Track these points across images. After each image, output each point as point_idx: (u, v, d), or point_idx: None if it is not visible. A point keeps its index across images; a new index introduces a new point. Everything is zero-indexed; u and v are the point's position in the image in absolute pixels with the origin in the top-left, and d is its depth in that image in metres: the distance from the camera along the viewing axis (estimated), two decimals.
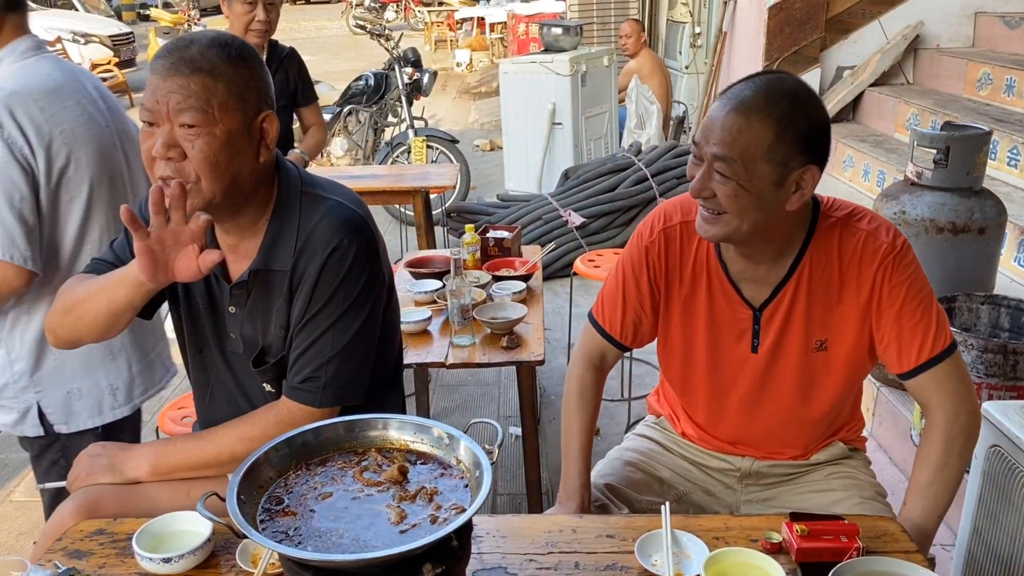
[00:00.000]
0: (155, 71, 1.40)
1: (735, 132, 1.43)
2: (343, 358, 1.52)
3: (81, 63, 11.44)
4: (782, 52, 5.50)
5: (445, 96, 11.60)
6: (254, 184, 1.49)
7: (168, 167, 1.39)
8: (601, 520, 1.47)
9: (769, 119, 1.42)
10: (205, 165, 1.39)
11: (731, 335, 1.67)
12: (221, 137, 1.39)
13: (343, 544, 1.04)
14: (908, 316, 1.55)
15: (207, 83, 1.38)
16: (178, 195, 1.37)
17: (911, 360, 1.56)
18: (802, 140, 1.44)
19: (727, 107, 1.45)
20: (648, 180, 5.13)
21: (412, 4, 19.56)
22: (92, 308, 1.51)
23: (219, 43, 1.41)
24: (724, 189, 1.46)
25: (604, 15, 9.15)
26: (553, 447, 3.24)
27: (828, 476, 1.76)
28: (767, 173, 1.44)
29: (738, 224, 1.48)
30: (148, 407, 3.63)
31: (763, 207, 1.47)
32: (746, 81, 1.49)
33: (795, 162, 1.45)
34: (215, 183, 1.41)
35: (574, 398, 1.76)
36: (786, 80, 1.50)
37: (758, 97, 1.44)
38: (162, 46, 1.44)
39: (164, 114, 1.38)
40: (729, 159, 1.44)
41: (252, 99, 1.44)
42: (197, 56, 1.38)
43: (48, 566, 1.33)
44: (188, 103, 1.37)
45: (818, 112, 1.49)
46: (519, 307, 2.68)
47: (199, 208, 1.43)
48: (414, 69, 6.50)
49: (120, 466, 1.58)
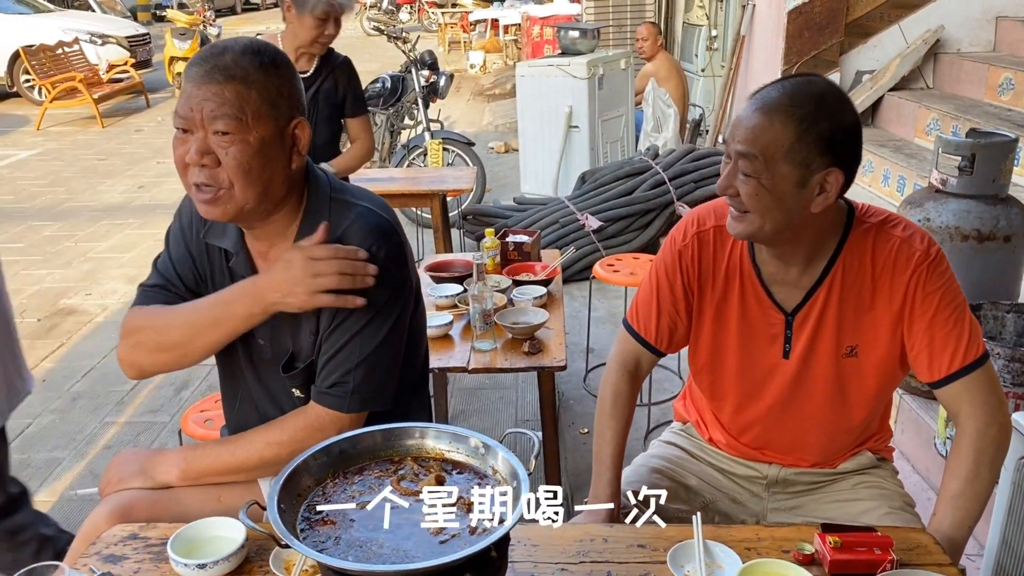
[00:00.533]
0: (190, 79, 1.41)
1: (758, 131, 1.46)
2: (371, 363, 1.53)
3: (98, 64, 11.53)
4: (801, 56, 5.48)
5: (459, 98, 11.61)
6: (286, 190, 1.50)
7: (202, 174, 1.42)
8: (632, 530, 1.46)
9: (791, 120, 1.44)
10: (239, 172, 1.41)
11: (763, 340, 1.67)
12: (254, 144, 1.41)
13: (384, 554, 1.04)
14: (940, 325, 1.54)
15: (241, 91, 1.39)
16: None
17: (942, 369, 1.55)
18: (824, 142, 1.45)
19: (754, 107, 1.48)
20: (666, 184, 5.12)
21: (426, 6, 19.59)
22: (202, 345, 1.54)
23: (252, 50, 1.43)
24: (746, 187, 1.48)
25: (620, 18, 9.14)
26: (572, 452, 3.24)
27: (856, 486, 1.76)
28: (788, 173, 1.45)
29: (760, 223, 1.50)
30: (168, 408, 3.68)
31: (784, 207, 1.48)
32: (776, 83, 1.52)
33: (817, 164, 1.45)
34: (248, 189, 1.43)
35: (608, 405, 1.76)
36: (815, 83, 1.51)
37: (783, 98, 1.46)
38: (196, 53, 1.46)
39: (198, 121, 1.40)
40: (751, 156, 1.46)
41: (284, 106, 1.45)
42: (231, 64, 1.40)
43: (84, 570, 1.34)
44: (222, 111, 1.38)
45: (845, 115, 1.49)
46: (540, 312, 2.68)
47: (232, 214, 1.45)
48: (431, 72, 6.51)
49: (151, 470, 1.59)
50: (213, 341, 1.54)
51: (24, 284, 5.25)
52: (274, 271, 1.47)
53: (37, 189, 7.61)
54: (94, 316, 4.76)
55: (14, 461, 3.27)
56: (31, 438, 3.50)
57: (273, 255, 1.56)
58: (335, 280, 1.44)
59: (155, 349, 1.57)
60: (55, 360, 4.21)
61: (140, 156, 8.89)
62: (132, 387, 3.90)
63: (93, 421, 3.61)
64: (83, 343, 4.41)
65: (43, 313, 4.81)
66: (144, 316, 1.59)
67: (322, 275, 1.44)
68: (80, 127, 10.51)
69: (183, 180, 1.47)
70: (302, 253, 1.45)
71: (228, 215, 1.46)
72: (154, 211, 6.78)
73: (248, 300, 1.49)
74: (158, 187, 7.60)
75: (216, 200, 1.44)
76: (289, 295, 1.46)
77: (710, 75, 7.69)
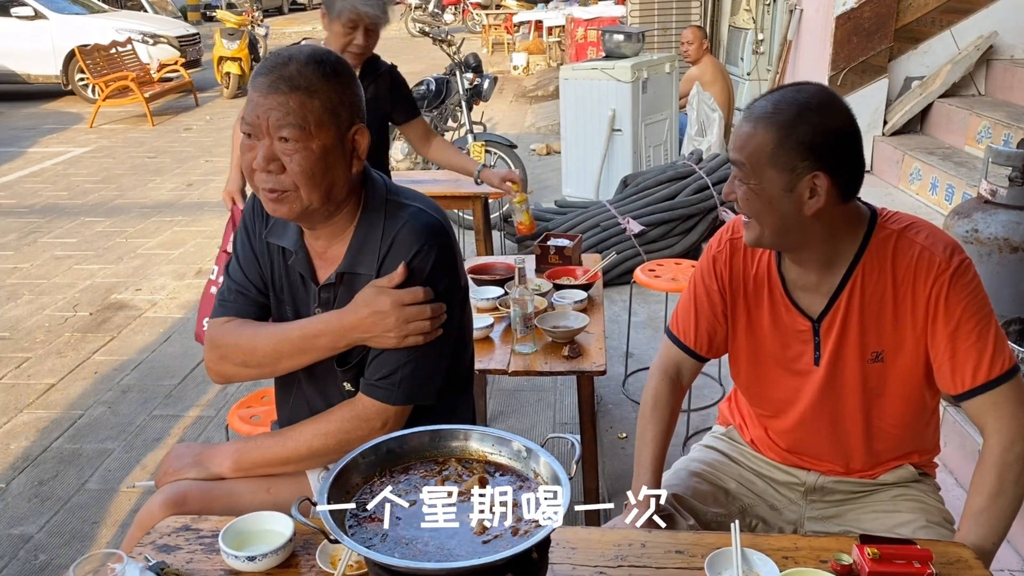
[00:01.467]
0: (256, 88, 1.48)
1: (745, 138, 1.53)
2: (420, 359, 1.58)
3: (150, 63, 11.79)
4: (849, 62, 5.43)
5: (502, 99, 11.66)
6: (347, 193, 1.57)
7: (269, 179, 1.49)
8: (670, 535, 1.49)
9: (772, 126, 1.50)
10: (303, 177, 1.48)
11: (794, 346, 1.68)
12: (317, 151, 1.48)
13: (429, 552, 1.07)
14: (963, 337, 1.54)
15: (304, 101, 1.46)
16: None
17: (965, 382, 1.55)
18: (805, 146, 1.48)
19: (745, 116, 1.56)
20: (709, 188, 5.10)
21: (470, 7, 19.70)
22: (285, 367, 1.64)
23: (315, 60, 1.49)
24: (740, 192, 1.55)
25: (665, 21, 9.11)
26: (610, 456, 3.25)
27: (895, 498, 1.76)
28: (774, 178, 1.50)
29: (760, 228, 1.56)
30: (215, 403, 3.76)
31: (776, 211, 1.52)
32: (768, 93, 1.58)
33: (801, 168, 1.49)
34: (312, 193, 1.50)
35: (648, 409, 1.78)
36: (803, 90, 1.54)
37: (767, 106, 1.53)
38: (262, 62, 1.52)
39: (264, 129, 1.47)
40: (740, 163, 1.54)
41: (345, 114, 1.52)
42: (295, 74, 1.46)
43: (139, 559, 1.39)
44: (287, 120, 1.45)
45: (827, 120, 1.51)
46: (581, 316, 2.70)
47: (297, 213, 1.53)
48: (475, 74, 6.55)
49: (205, 462, 1.66)
50: (296, 365, 1.64)
51: (77, 278, 5.40)
52: (361, 312, 1.54)
53: (90, 185, 7.82)
54: (143, 311, 4.88)
55: (67, 450, 3.39)
56: (83, 428, 3.60)
57: (330, 255, 1.63)
58: (426, 326, 1.54)
59: (241, 365, 1.66)
60: (106, 353, 4.33)
61: (189, 154, 9.08)
62: (179, 381, 4.01)
63: (142, 414, 3.71)
64: (133, 337, 4.53)
65: (94, 307, 4.95)
66: (230, 334, 1.66)
67: (413, 321, 1.52)
68: (131, 125, 10.75)
69: (250, 183, 1.55)
70: (391, 300, 1.51)
71: (294, 214, 1.54)
72: (202, 209, 6.92)
73: (334, 335, 1.57)
74: (206, 185, 7.76)
75: (282, 200, 1.51)
76: (380, 339, 1.55)
77: (755, 79, 7.63)
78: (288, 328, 1.62)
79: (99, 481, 3.20)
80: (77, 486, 3.18)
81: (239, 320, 1.68)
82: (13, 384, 4.02)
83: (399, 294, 1.52)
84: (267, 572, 1.37)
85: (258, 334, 1.64)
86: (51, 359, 4.27)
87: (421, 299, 1.53)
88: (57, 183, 7.92)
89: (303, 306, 1.67)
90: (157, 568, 1.35)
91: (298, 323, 1.62)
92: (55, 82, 12.16)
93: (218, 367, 1.69)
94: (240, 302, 1.70)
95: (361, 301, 1.55)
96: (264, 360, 1.63)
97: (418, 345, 1.56)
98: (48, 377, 4.08)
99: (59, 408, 3.78)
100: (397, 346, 1.54)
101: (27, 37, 11.89)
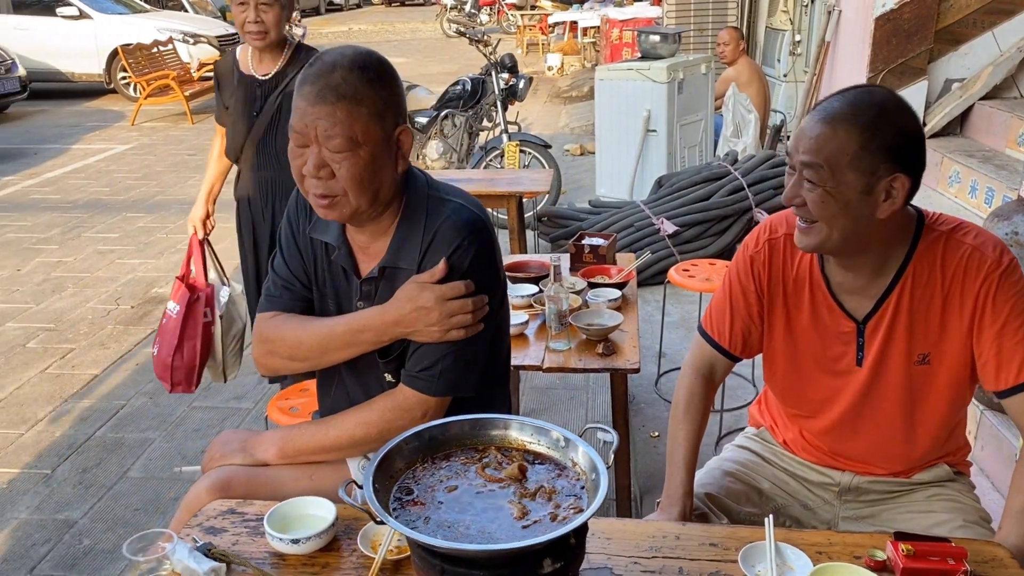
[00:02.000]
0: (303, 96, 1.51)
1: (822, 140, 1.49)
2: (459, 351, 1.61)
3: (190, 62, 11.97)
4: (888, 64, 5.38)
5: (536, 100, 11.68)
6: (393, 192, 1.61)
7: (319, 185, 1.53)
8: (704, 528, 1.51)
9: (854, 128, 1.47)
10: (352, 183, 1.52)
11: (835, 347, 1.69)
12: (365, 157, 1.52)
13: (470, 535, 1.11)
14: (1010, 334, 1.54)
15: (351, 109, 1.49)
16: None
17: (1009, 379, 1.55)
18: (889, 149, 1.47)
19: (817, 118, 1.52)
20: (744, 190, 5.09)
21: (505, 8, 19.75)
22: (330, 360, 1.69)
23: (359, 65, 1.52)
24: (812, 196, 1.51)
25: (701, 22, 9.07)
26: (642, 454, 3.27)
27: (930, 497, 1.76)
28: (854, 180, 1.48)
29: (828, 232, 1.52)
30: (252, 395, 3.83)
31: (851, 214, 1.50)
32: (837, 94, 1.55)
33: (882, 170, 1.48)
34: (361, 197, 1.54)
35: (681, 408, 1.80)
36: (875, 92, 1.54)
37: (844, 108, 1.50)
38: (307, 70, 1.54)
39: (313, 137, 1.51)
40: (816, 165, 1.49)
41: (391, 116, 1.55)
42: (341, 82, 1.49)
43: (187, 540, 1.44)
44: (335, 131, 1.49)
45: (907, 122, 1.51)
46: (615, 314, 2.72)
47: (348, 216, 1.58)
48: (510, 75, 6.59)
49: (251, 449, 1.71)
50: (341, 358, 1.68)
51: (119, 272, 5.52)
52: (405, 307, 1.57)
53: (132, 182, 7.97)
54: None
55: (109, 439, 3.48)
56: (125, 418, 3.69)
57: (373, 249, 1.66)
58: (469, 319, 1.57)
59: (288, 359, 1.71)
60: (147, 345, 4.42)
61: None
62: None
63: (181, 405, 3.79)
64: None
65: (136, 300, 5.06)
66: (277, 329, 1.71)
67: (456, 315, 1.56)
68: (171, 123, 10.94)
69: (300, 188, 1.60)
70: (435, 295, 1.55)
71: (344, 217, 1.59)
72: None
73: (378, 330, 1.61)
74: None
75: (333, 205, 1.55)
76: (423, 333, 1.58)
77: (792, 80, 7.58)
78: (333, 323, 1.66)
79: (140, 469, 3.28)
80: (119, 474, 3.26)
81: (285, 315, 1.72)
82: (58, 374, 4.12)
83: (442, 289, 1.55)
84: (310, 555, 1.42)
85: (304, 329, 1.68)
86: (94, 350, 4.38)
87: (463, 293, 1.56)
88: (100, 179, 8.09)
89: (345, 300, 1.71)
90: (204, 548, 1.39)
91: (343, 318, 1.66)
92: (98, 80, 12.40)
93: (266, 361, 1.73)
94: (286, 297, 1.74)
95: (404, 296, 1.58)
96: (310, 354, 1.68)
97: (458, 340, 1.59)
98: (92, 368, 4.18)
99: (102, 398, 3.88)
100: (440, 340, 1.58)
101: (72, 36, 12.15)
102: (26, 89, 11.00)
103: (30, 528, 2.93)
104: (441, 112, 6.73)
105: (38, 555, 2.79)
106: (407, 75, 10.29)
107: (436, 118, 6.73)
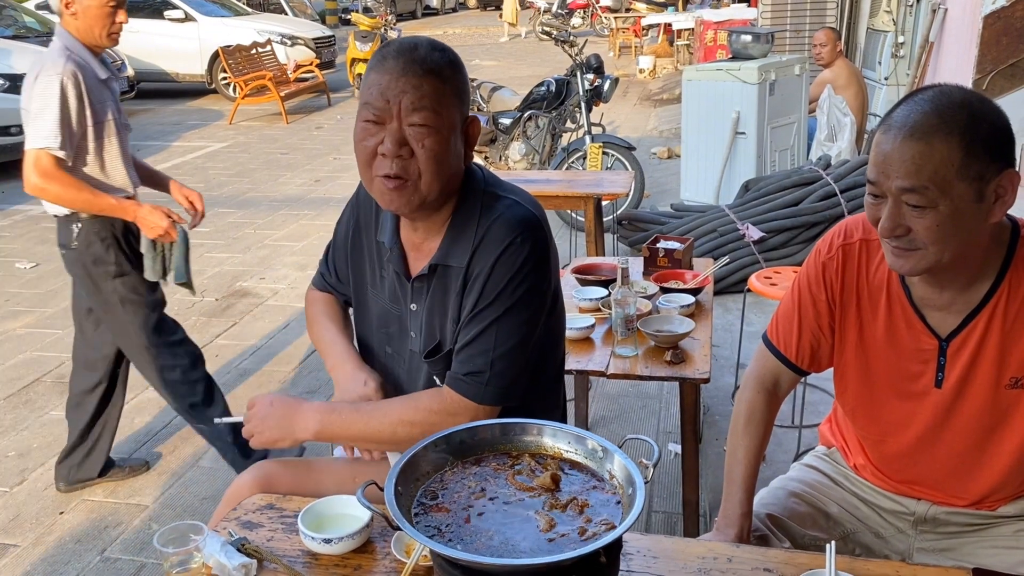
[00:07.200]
0: (385, 70, 1.45)
1: (919, 160, 1.32)
2: (509, 357, 1.53)
3: (287, 63, 12.31)
4: (996, 64, 5.06)
5: (625, 102, 11.55)
6: (458, 184, 1.55)
7: (396, 164, 1.45)
8: (759, 552, 1.41)
9: (952, 136, 1.31)
10: (432, 163, 1.46)
11: (912, 366, 1.54)
12: (446, 136, 1.47)
13: (492, 546, 1.04)
14: None
15: (437, 85, 1.45)
16: None
17: None
18: (988, 147, 1.32)
19: (900, 136, 1.34)
20: (836, 196, 4.86)
21: (599, 11, 19.61)
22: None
23: (438, 47, 1.49)
24: (922, 222, 1.34)
25: (798, 23, 8.78)
26: (714, 468, 3.14)
27: (1018, 532, 1.60)
28: (965, 191, 1.32)
29: (939, 255, 1.37)
30: (325, 389, 3.86)
31: (965, 228, 1.35)
32: (907, 105, 1.37)
33: (990, 171, 1.33)
34: (435, 181, 1.48)
35: (741, 422, 1.68)
36: (953, 92, 1.37)
37: (931, 118, 1.32)
38: (384, 47, 1.50)
39: (395, 112, 1.44)
40: (920, 189, 1.32)
41: (466, 103, 1.52)
42: (426, 58, 1.45)
43: (223, 533, 1.42)
44: (422, 103, 1.43)
45: (996, 113, 1.36)
46: (686, 321, 2.61)
47: (415, 205, 1.50)
48: (595, 75, 6.49)
49: (290, 424, 1.60)
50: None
51: (206, 266, 5.68)
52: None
53: (225, 179, 8.22)
54: (265, 299, 5.08)
55: (185, 428, 3.55)
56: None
57: (425, 247, 1.61)
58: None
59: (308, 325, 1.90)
60: (228, 338, 4.52)
61: (318, 152, 9.41)
62: (293, 367, 4.14)
63: None
64: (253, 323, 4.72)
65: (220, 293, 5.18)
66: (310, 307, 1.88)
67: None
68: (267, 123, 11.25)
69: (366, 171, 1.51)
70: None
71: (412, 205, 1.50)
72: (327, 204, 7.15)
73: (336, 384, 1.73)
74: (333, 182, 8.02)
75: (402, 189, 1.48)
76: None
77: (894, 84, 7.23)
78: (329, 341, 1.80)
79: (211, 459, 3.33)
80: (192, 463, 3.33)
81: (323, 305, 1.86)
82: None
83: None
84: (342, 556, 1.38)
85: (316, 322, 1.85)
86: None
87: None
88: (195, 175, 8.36)
89: (399, 301, 1.66)
90: (237, 543, 1.37)
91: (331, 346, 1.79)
92: (200, 80, 12.88)
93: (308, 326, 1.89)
94: (322, 283, 1.87)
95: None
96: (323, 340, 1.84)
97: (505, 343, 1.52)
98: None
99: None
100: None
101: (177, 38, 12.65)
102: (134, 88, 11.47)
103: (104, 511, 3.02)
104: (525, 113, 6.70)
105: (110, 538, 2.87)
106: (496, 78, 10.31)
107: (520, 119, 6.70)
